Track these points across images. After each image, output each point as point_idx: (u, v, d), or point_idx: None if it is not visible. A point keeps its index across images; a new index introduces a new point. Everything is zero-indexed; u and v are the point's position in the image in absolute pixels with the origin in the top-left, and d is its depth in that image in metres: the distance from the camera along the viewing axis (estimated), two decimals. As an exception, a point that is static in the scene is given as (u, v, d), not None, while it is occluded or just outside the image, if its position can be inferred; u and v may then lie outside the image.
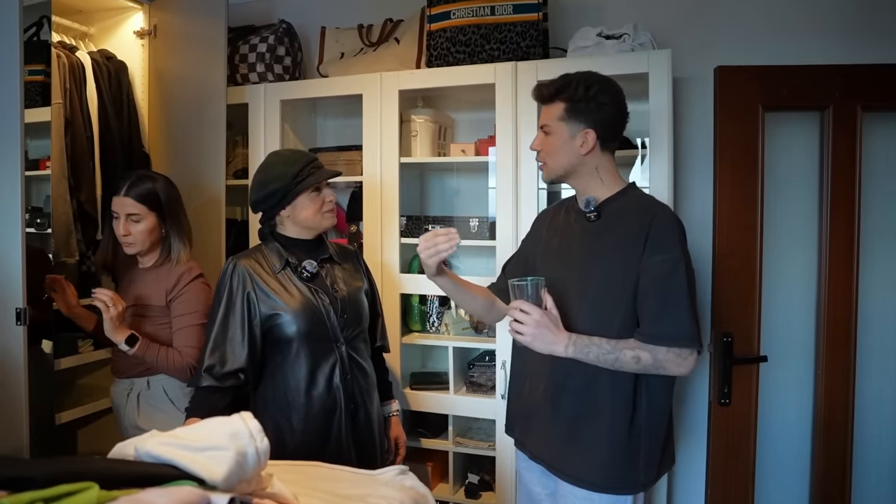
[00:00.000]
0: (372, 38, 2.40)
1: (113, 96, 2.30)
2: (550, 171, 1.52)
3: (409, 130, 2.26)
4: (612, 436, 1.42)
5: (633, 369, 1.38)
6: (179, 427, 1.01)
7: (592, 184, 1.50)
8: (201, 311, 1.77)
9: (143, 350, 1.71)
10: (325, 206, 1.69)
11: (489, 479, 2.25)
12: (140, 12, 2.41)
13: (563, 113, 1.45)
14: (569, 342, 1.38)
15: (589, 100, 1.43)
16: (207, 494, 0.90)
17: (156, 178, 1.85)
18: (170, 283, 1.79)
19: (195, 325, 1.76)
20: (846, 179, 1.97)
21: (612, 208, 1.48)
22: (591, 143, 1.44)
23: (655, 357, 1.36)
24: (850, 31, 2.07)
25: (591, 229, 1.49)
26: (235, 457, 1.00)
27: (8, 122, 1.54)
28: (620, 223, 1.44)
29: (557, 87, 1.46)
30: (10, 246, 1.54)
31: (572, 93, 1.44)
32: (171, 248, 1.84)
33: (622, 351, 1.37)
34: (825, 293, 1.98)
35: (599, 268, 1.44)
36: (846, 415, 1.99)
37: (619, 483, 1.43)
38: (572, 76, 1.47)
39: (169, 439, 1.02)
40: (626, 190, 1.50)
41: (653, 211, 1.43)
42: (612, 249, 1.43)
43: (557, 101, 1.46)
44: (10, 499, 0.72)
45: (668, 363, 1.36)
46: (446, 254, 1.51)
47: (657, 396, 1.43)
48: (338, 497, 1.18)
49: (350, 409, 1.67)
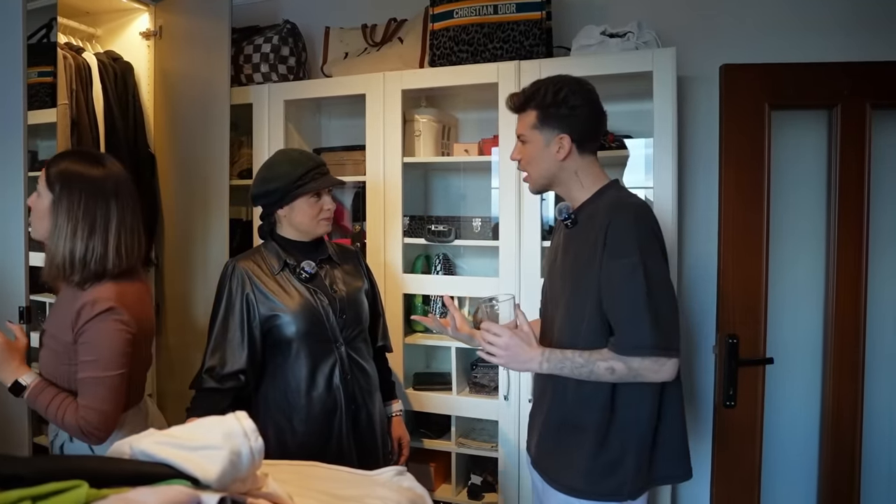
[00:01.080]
0: (376, 37, 2.40)
1: (119, 97, 2.31)
2: (534, 181, 1.50)
3: (413, 130, 2.25)
4: (592, 443, 1.39)
5: (610, 380, 1.34)
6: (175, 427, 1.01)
7: (574, 188, 1.47)
8: (105, 360, 1.33)
9: (33, 399, 1.35)
10: (323, 213, 1.69)
11: (492, 480, 2.24)
12: (146, 14, 2.43)
13: (536, 121, 1.43)
14: (542, 359, 1.37)
15: (559, 104, 1.41)
16: (197, 493, 0.90)
17: (81, 153, 1.46)
18: (72, 313, 1.34)
19: (95, 378, 1.32)
20: (855, 178, 1.94)
21: (585, 213, 1.45)
22: (567, 148, 1.42)
23: (630, 367, 1.32)
24: (858, 28, 2.04)
25: (570, 236, 1.48)
26: (229, 456, 1.00)
27: (12, 123, 1.55)
28: (588, 228, 1.41)
29: (527, 96, 1.45)
30: (13, 245, 1.55)
31: (542, 99, 1.42)
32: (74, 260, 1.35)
33: (595, 363, 1.33)
34: (833, 294, 1.95)
35: (571, 274, 1.43)
36: (854, 418, 1.96)
37: (603, 489, 1.39)
38: (542, 82, 1.45)
39: (164, 438, 1.02)
40: (602, 190, 1.46)
41: (612, 214, 1.36)
42: (578, 255, 1.42)
43: (529, 109, 1.45)
44: (5, 495, 0.73)
45: (645, 371, 1.32)
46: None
47: (634, 403, 1.39)
48: (334, 497, 1.18)
49: (351, 409, 1.67)
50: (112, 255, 1.36)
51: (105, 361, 1.33)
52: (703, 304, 2.17)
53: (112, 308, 1.34)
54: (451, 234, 2.20)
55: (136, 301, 1.42)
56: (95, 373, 1.32)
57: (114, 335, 1.34)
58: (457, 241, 2.22)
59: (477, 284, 2.19)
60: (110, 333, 1.33)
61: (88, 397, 1.32)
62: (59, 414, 1.33)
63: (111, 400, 1.33)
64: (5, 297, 1.58)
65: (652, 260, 1.33)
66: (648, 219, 1.38)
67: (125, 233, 1.39)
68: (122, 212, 1.40)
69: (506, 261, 2.07)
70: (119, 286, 1.38)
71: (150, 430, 1.05)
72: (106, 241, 1.36)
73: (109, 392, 1.33)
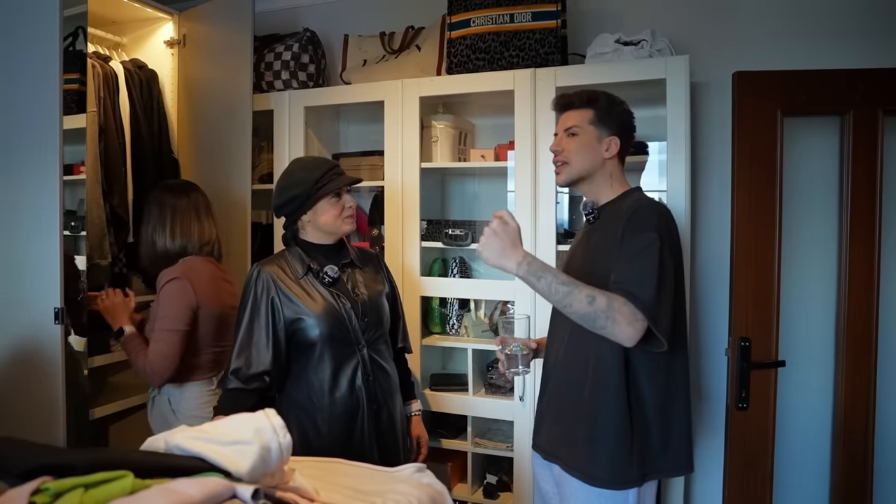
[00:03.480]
0: (394, 45, 2.45)
1: (144, 104, 2.38)
2: (571, 173, 1.55)
3: (430, 136, 2.30)
4: (604, 432, 1.45)
5: (582, 312, 1.33)
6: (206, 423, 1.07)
7: (604, 189, 1.58)
8: (170, 317, 1.77)
9: (124, 344, 1.81)
10: (345, 211, 1.74)
11: (507, 480, 2.28)
12: (170, 23, 2.49)
13: (594, 117, 1.54)
14: (523, 260, 1.34)
15: (614, 113, 1.55)
16: (234, 485, 0.96)
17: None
18: (158, 287, 1.84)
19: (161, 332, 1.76)
20: (867, 184, 1.96)
21: (608, 210, 1.56)
22: (614, 150, 1.54)
23: (610, 304, 1.32)
24: (869, 35, 2.06)
25: (590, 230, 1.59)
26: (259, 451, 1.06)
27: (48, 130, 1.61)
28: (610, 222, 1.50)
29: (588, 97, 1.56)
30: (48, 249, 1.62)
31: (602, 102, 1.55)
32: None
33: (578, 287, 1.33)
34: (845, 298, 1.98)
35: (590, 261, 1.52)
36: (867, 420, 1.98)
37: (616, 478, 1.44)
38: (598, 92, 1.57)
39: (197, 434, 1.08)
40: (627, 193, 1.57)
41: (635, 207, 1.46)
42: (598, 245, 1.51)
43: (587, 107, 1.55)
44: (54, 483, 0.78)
45: (620, 315, 1.32)
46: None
47: (647, 390, 1.45)
48: (357, 492, 1.22)
49: (373, 409, 1.72)
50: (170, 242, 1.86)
51: (167, 318, 1.74)
52: (715, 306, 2.20)
53: (177, 278, 1.78)
54: (467, 238, 2.24)
55: (205, 279, 1.85)
56: (160, 326, 1.75)
57: (175, 298, 1.76)
58: (473, 244, 2.26)
59: (493, 287, 2.23)
60: (172, 296, 1.76)
61: (152, 346, 1.75)
62: (137, 358, 1.76)
63: (167, 350, 1.73)
64: (42, 298, 1.64)
65: (668, 244, 1.40)
66: (669, 220, 1.47)
67: (178, 226, 1.88)
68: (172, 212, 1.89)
69: (521, 264, 2.11)
70: (189, 263, 1.85)
71: (182, 427, 1.11)
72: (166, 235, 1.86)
73: (167, 344, 1.73)
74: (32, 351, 1.63)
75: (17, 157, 1.63)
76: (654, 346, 1.37)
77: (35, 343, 1.63)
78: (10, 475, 0.85)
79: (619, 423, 1.44)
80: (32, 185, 1.63)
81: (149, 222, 1.90)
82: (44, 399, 1.62)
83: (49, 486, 0.79)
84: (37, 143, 1.62)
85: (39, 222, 1.62)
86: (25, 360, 1.65)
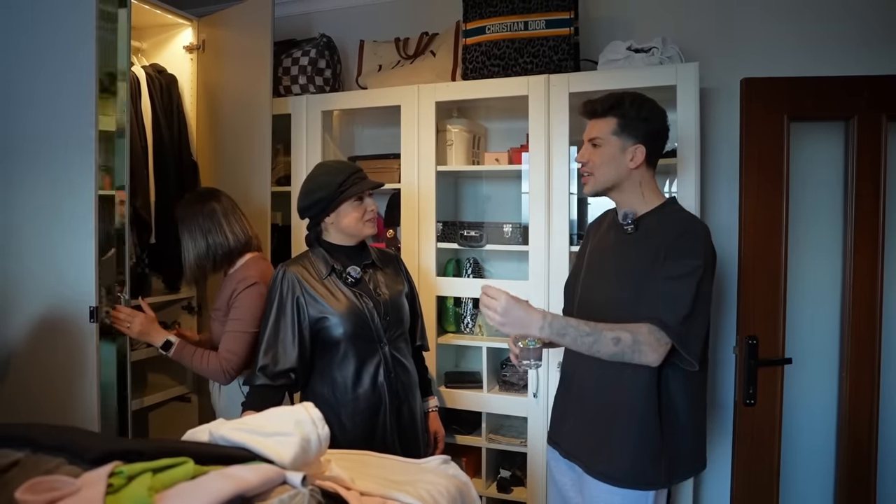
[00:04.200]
0: (409, 51, 2.51)
1: (164, 108, 2.43)
2: (596, 184, 1.56)
3: (445, 140, 2.36)
4: (633, 435, 1.47)
5: (609, 353, 1.39)
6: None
7: (634, 198, 1.56)
8: (247, 320, 1.83)
9: (178, 354, 1.83)
10: (367, 214, 1.79)
11: (520, 475, 2.34)
12: (189, 28, 2.55)
13: (616, 127, 1.52)
14: (544, 322, 1.40)
15: (640, 118, 1.51)
16: (284, 472, 1.02)
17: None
18: (230, 288, 1.89)
19: (238, 333, 1.83)
20: (871, 187, 2.02)
21: (649, 223, 1.54)
22: (640, 158, 1.52)
23: (636, 339, 1.37)
24: (874, 43, 2.13)
25: (628, 241, 1.55)
26: (301, 442, 1.13)
27: (84, 134, 1.66)
28: (654, 237, 1.49)
29: (611, 104, 1.53)
30: (84, 249, 1.67)
31: (626, 109, 1.51)
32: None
33: (602, 333, 1.38)
34: (849, 297, 2.04)
35: (633, 278, 1.48)
36: (870, 416, 2.04)
37: (640, 479, 1.47)
38: (624, 94, 1.54)
39: (240, 425, 1.15)
40: (665, 205, 1.56)
41: (685, 226, 1.48)
42: (640, 259, 1.49)
43: (610, 116, 1.52)
44: (127, 467, 0.85)
45: (646, 346, 1.37)
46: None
47: (675, 398, 1.47)
48: (389, 482, 1.28)
49: (394, 405, 1.78)
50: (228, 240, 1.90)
51: (243, 321, 1.83)
52: (724, 306, 2.26)
53: (256, 283, 1.86)
54: (482, 239, 2.30)
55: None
56: (238, 328, 1.83)
57: (254, 303, 1.83)
58: (488, 245, 2.32)
59: (509, 287, 2.26)
60: (252, 301, 1.84)
61: (233, 344, 1.82)
62: (203, 360, 1.82)
63: (242, 350, 1.82)
64: (78, 297, 1.69)
65: (707, 278, 1.44)
66: (710, 241, 1.50)
67: (234, 223, 1.93)
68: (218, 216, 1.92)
69: (535, 264, 2.18)
70: (258, 264, 1.93)
71: (220, 420, 1.18)
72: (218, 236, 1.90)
73: (242, 345, 1.82)
74: (68, 347, 1.69)
75: (55, 158, 1.69)
76: (685, 366, 1.43)
77: (71, 340, 1.68)
78: (84, 460, 0.91)
79: (649, 428, 1.47)
80: (69, 186, 1.68)
81: (201, 230, 1.90)
82: (79, 395, 1.68)
83: (122, 469, 0.85)
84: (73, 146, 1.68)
85: (76, 224, 1.67)
86: (62, 356, 1.71)
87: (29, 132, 1.74)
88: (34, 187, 1.75)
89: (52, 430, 1.02)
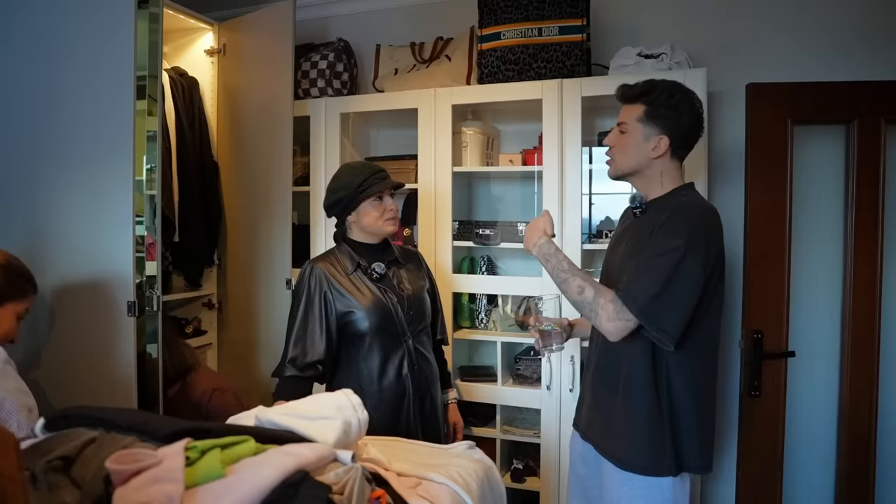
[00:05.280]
0: (424, 55, 2.58)
1: (186, 110, 2.50)
2: (617, 168, 1.60)
3: (460, 141, 2.44)
4: (640, 422, 1.50)
5: (573, 299, 1.49)
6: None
7: (653, 185, 1.58)
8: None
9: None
10: (386, 213, 1.87)
11: (533, 465, 2.42)
12: (210, 32, 2.62)
13: (643, 115, 1.53)
14: (538, 241, 1.56)
15: (669, 107, 1.50)
16: (335, 451, 1.10)
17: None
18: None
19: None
20: (870, 188, 2.11)
21: (656, 206, 1.57)
22: (662, 149, 1.53)
23: (596, 299, 1.45)
24: (874, 50, 2.21)
25: (636, 224, 1.60)
26: (342, 425, 1.22)
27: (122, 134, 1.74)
28: (654, 218, 1.52)
29: (642, 90, 1.54)
30: (122, 246, 1.74)
31: (655, 97, 1.51)
32: None
33: (574, 276, 1.49)
34: (850, 293, 2.13)
35: (631, 255, 1.53)
36: (870, 407, 2.13)
37: (647, 465, 1.50)
38: (657, 82, 1.54)
39: (286, 410, 1.24)
40: (677, 190, 1.57)
41: (679, 208, 1.49)
42: (639, 239, 1.53)
43: (639, 102, 1.54)
44: (200, 443, 0.93)
45: (602, 311, 1.44)
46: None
47: (678, 386, 1.50)
48: (422, 465, 1.36)
49: (418, 396, 1.85)
50: None
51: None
52: (730, 301, 2.34)
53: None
54: (497, 238, 2.38)
55: None
56: None
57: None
58: (503, 243, 2.40)
59: (521, 284, 2.37)
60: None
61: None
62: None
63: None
64: (117, 294, 1.77)
65: (691, 257, 1.40)
66: (710, 224, 1.48)
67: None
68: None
69: (548, 262, 2.25)
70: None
71: (261, 407, 1.27)
72: None
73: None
74: (109, 340, 1.76)
75: (96, 159, 1.76)
76: (661, 345, 1.45)
77: (110, 333, 1.75)
78: (155, 438, 0.99)
79: (649, 416, 1.49)
80: (109, 184, 1.75)
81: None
82: (118, 385, 1.75)
83: (195, 444, 0.93)
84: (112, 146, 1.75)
85: (114, 219, 1.74)
86: (102, 349, 1.78)
87: (69, 134, 1.81)
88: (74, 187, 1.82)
89: (123, 412, 1.10)
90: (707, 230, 1.47)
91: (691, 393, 1.52)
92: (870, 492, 2.14)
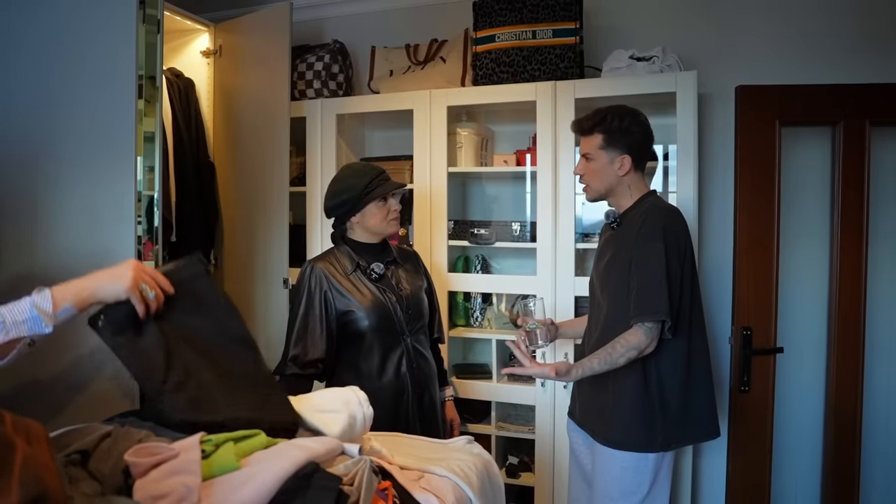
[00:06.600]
0: (419, 56, 2.61)
1: (183, 110, 2.52)
2: (594, 192, 1.81)
3: (455, 142, 2.47)
4: (622, 400, 1.70)
5: (621, 364, 1.64)
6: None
7: (624, 199, 1.79)
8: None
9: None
10: (391, 214, 1.90)
11: (528, 461, 2.46)
12: (205, 34, 2.63)
13: (602, 142, 1.74)
14: (565, 371, 1.67)
15: (623, 130, 1.72)
16: (343, 444, 1.14)
17: None
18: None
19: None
20: (856, 187, 2.17)
21: (628, 217, 1.77)
22: (627, 166, 1.74)
23: (639, 347, 1.62)
24: (859, 53, 2.27)
25: (614, 236, 1.80)
26: (348, 419, 1.25)
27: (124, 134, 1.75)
28: (629, 228, 1.73)
29: (595, 122, 1.74)
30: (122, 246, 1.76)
31: (608, 125, 1.72)
32: None
33: (609, 355, 1.64)
34: (836, 291, 2.19)
35: (616, 266, 1.74)
36: (855, 401, 2.19)
37: (635, 442, 1.69)
38: (605, 110, 1.74)
39: (294, 403, 1.26)
40: (643, 198, 1.77)
41: (647, 214, 1.70)
42: (621, 248, 1.74)
43: (595, 132, 1.74)
44: (214, 436, 0.96)
45: (635, 351, 1.62)
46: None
47: (664, 368, 1.69)
48: (423, 459, 1.39)
49: (416, 393, 1.88)
50: None
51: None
52: (719, 298, 2.40)
53: None
54: (492, 237, 2.42)
55: None
56: None
57: None
58: (497, 242, 2.44)
59: (515, 283, 2.41)
60: None
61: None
62: None
63: None
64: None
65: (672, 255, 1.64)
66: (676, 223, 1.70)
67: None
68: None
69: (542, 261, 2.30)
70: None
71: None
72: None
73: None
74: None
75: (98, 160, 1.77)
76: (664, 336, 1.66)
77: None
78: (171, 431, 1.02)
79: (637, 397, 1.69)
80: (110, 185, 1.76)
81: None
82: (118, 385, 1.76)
83: (210, 438, 0.96)
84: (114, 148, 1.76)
85: (115, 220, 1.76)
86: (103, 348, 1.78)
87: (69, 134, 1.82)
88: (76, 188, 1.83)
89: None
90: (675, 229, 1.69)
91: (680, 376, 1.70)
92: (855, 481, 2.20)
